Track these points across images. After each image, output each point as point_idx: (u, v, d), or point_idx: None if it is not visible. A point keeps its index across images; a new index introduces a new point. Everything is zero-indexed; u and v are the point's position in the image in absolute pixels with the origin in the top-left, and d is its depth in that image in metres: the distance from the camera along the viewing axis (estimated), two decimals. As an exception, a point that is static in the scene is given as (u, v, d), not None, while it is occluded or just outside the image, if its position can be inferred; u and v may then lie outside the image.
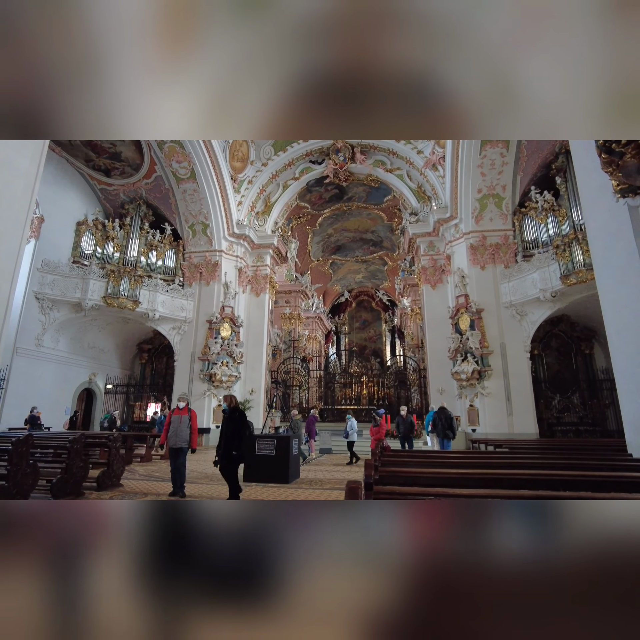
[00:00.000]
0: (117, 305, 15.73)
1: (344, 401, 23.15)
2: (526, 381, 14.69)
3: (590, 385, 16.02)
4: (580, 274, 12.79)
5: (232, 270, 18.59)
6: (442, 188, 17.26)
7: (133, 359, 20.57)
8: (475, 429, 14.66)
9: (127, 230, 17.56)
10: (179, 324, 17.56)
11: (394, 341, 33.06)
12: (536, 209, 15.19)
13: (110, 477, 7.38)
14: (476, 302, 15.42)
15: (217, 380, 16.68)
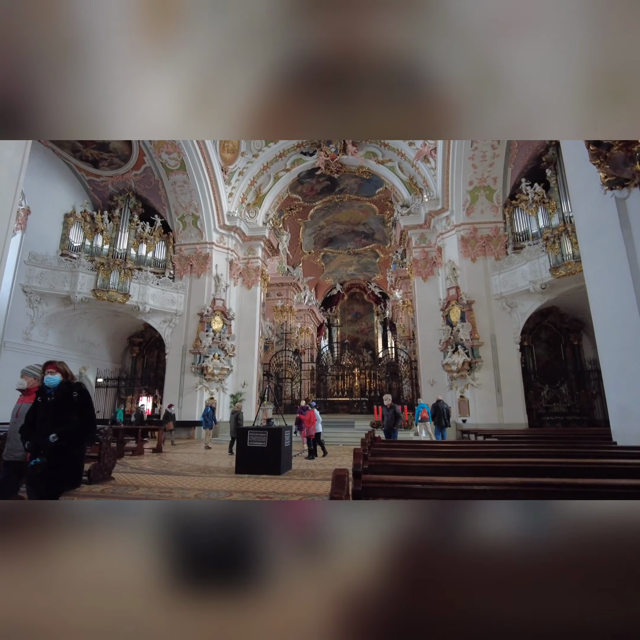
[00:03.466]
0: (107, 299, 15.59)
1: (336, 393, 23.29)
2: (516, 372, 14.87)
3: (578, 376, 16.27)
4: (569, 266, 12.92)
5: (223, 262, 18.48)
6: (433, 180, 17.26)
7: (124, 352, 20.43)
8: (465, 420, 14.84)
9: (117, 223, 17.34)
10: (169, 317, 17.46)
11: (385, 333, 33.19)
12: (527, 201, 15.27)
13: (102, 470, 7.37)
14: (467, 294, 15.53)
15: (209, 373, 16.65)
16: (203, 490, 6.61)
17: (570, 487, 2.70)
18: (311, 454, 10.78)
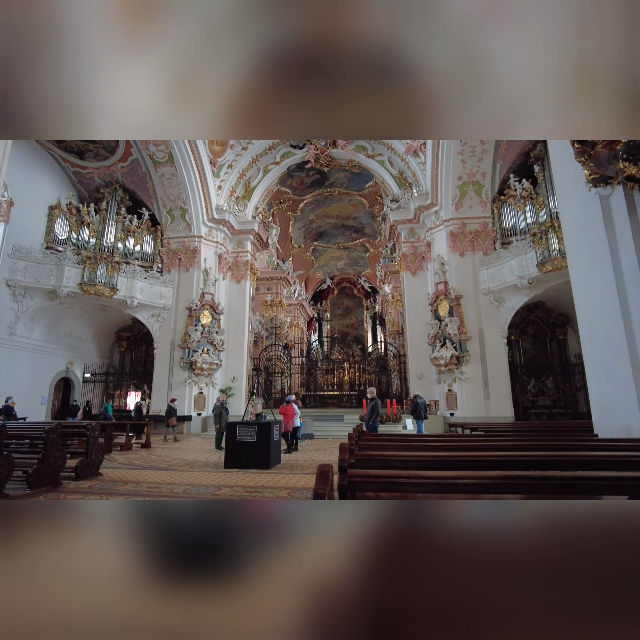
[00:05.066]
0: (94, 293, 15.39)
1: (326, 387, 23.34)
2: (503, 366, 15.08)
3: (563, 370, 16.56)
4: (555, 261, 13.09)
5: (211, 256, 18.35)
6: (423, 175, 17.29)
7: (112, 347, 20.24)
8: (453, 413, 15.03)
9: (103, 215, 17.09)
10: (158, 311, 17.31)
11: (375, 328, 33.35)
12: (515, 197, 15.41)
13: (89, 466, 7.32)
14: (455, 289, 15.66)
15: (198, 367, 16.59)
16: (192, 485, 6.62)
17: (551, 480, 2.77)
18: (288, 448, 10.83)
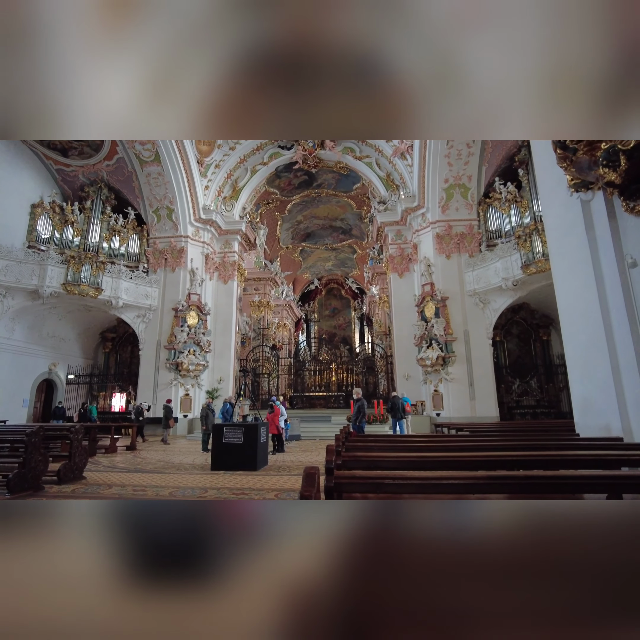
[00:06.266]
0: (78, 293, 15.14)
1: (313, 388, 23.35)
2: (488, 367, 15.29)
3: (547, 370, 16.85)
4: (539, 264, 13.30)
5: (198, 256, 18.21)
6: (410, 177, 17.45)
7: (96, 348, 19.93)
8: (439, 413, 15.17)
9: (88, 214, 16.83)
10: (143, 311, 17.11)
11: (362, 328, 33.49)
12: (500, 200, 15.65)
13: (72, 469, 7.20)
14: (441, 290, 15.82)
15: (184, 369, 16.44)
16: (178, 488, 6.56)
17: (534, 480, 2.83)
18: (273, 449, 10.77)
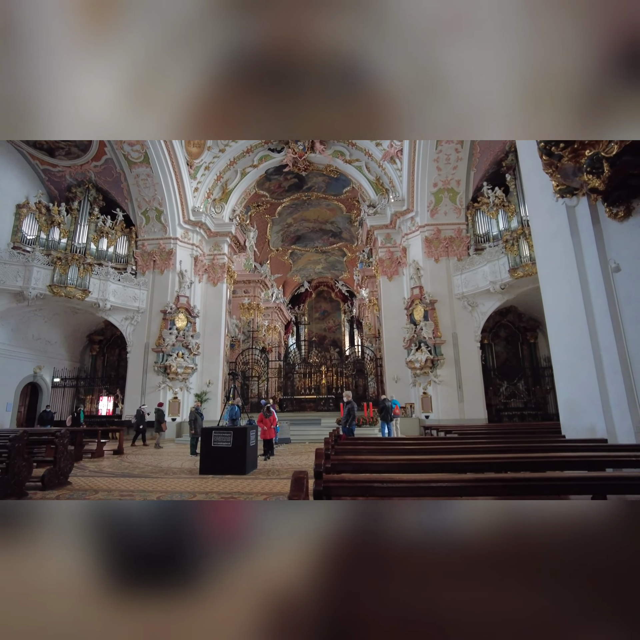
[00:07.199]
0: (65, 295, 14.92)
1: (303, 391, 23.32)
2: (476, 369, 15.43)
3: (534, 373, 17.07)
4: (526, 267, 13.49)
5: (187, 258, 18.10)
6: (399, 181, 17.58)
7: (83, 350, 19.65)
8: (428, 416, 15.26)
9: (75, 215, 16.61)
10: (131, 314, 16.94)
11: (352, 331, 33.57)
12: (488, 204, 15.84)
13: (57, 475, 7.08)
14: (430, 294, 15.94)
15: (173, 372, 16.30)
16: (165, 492, 6.49)
17: (521, 482, 2.87)
18: (265, 454, 10.65)
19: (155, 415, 14.27)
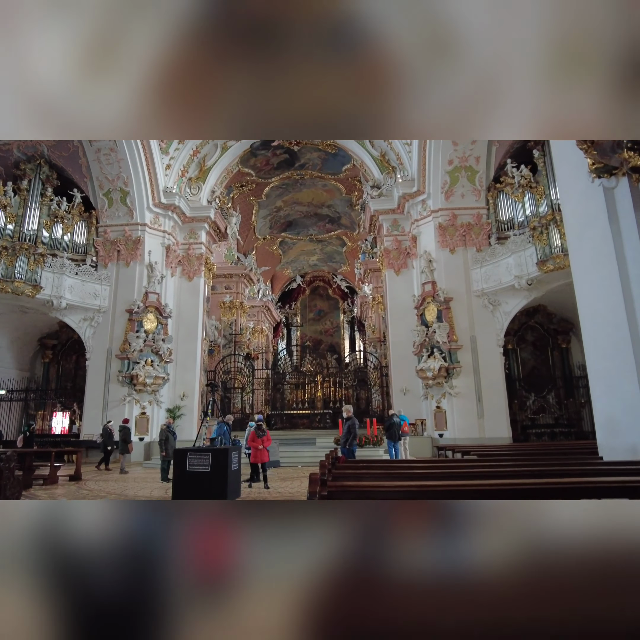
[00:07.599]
0: (12, 291, 14.83)
1: (295, 405, 23.31)
2: (499, 379, 15.48)
3: (566, 383, 17.15)
4: (558, 260, 13.49)
5: (158, 248, 18.07)
6: (408, 157, 17.61)
7: (33, 357, 19.55)
8: (442, 434, 15.29)
9: (24, 197, 16.50)
10: (91, 314, 16.87)
11: (353, 334, 33.63)
12: (512, 185, 15.86)
13: (2, 505, 7.02)
14: (444, 290, 15.99)
15: (140, 382, 16.23)
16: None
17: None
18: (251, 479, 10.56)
19: (119, 434, 14.16)
